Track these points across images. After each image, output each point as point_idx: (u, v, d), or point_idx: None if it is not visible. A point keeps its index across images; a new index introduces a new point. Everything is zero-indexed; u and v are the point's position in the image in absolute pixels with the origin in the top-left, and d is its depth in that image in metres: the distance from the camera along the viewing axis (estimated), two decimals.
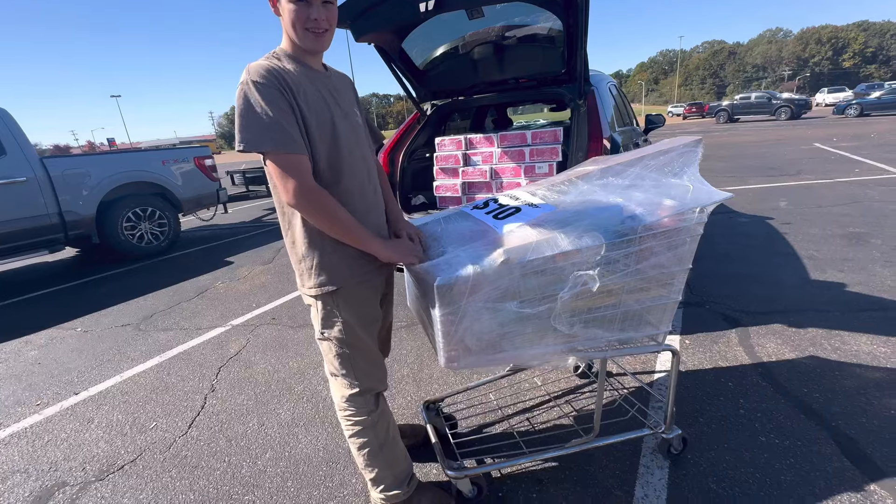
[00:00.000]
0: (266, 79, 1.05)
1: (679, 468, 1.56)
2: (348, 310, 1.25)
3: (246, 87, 1.05)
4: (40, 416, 2.25)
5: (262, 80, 1.05)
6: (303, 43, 1.14)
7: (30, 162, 4.36)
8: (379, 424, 1.36)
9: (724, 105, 24.99)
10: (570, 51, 2.47)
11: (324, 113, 1.16)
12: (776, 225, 4.37)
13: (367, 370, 1.33)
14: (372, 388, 1.35)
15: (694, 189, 1.29)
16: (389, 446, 1.38)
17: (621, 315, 1.32)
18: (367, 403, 1.34)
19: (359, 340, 1.29)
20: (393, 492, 1.39)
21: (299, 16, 1.10)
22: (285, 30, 1.15)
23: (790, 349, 2.22)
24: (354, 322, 1.26)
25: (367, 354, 1.33)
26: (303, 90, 1.12)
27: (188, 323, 3.28)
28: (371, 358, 1.35)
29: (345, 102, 1.25)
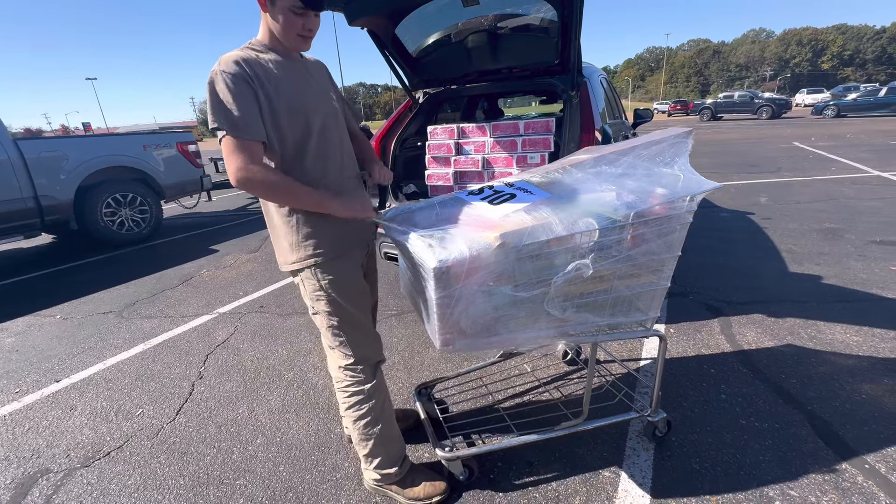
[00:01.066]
0: (233, 69, 1.12)
1: (664, 450, 1.61)
2: (332, 283, 1.31)
3: (214, 76, 1.12)
4: (20, 403, 2.19)
5: (229, 70, 1.12)
6: (292, 45, 1.23)
7: (3, 143, 4.18)
8: (376, 396, 1.40)
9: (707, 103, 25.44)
10: (563, 41, 2.48)
11: (296, 98, 1.22)
12: (757, 220, 4.50)
13: (359, 340, 1.38)
14: (367, 358, 1.40)
15: (684, 178, 1.32)
16: (386, 422, 1.41)
17: (612, 300, 1.35)
18: (363, 373, 1.39)
19: (346, 312, 1.34)
20: (386, 470, 1.42)
21: (295, 24, 1.19)
22: (272, 28, 1.21)
23: (769, 337, 2.31)
24: (339, 294, 1.32)
25: (357, 325, 1.38)
26: (274, 79, 1.18)
27: (173, 311, 3.22)
28: (362, 328, 1.40)
29: (320, 87, 1.33)
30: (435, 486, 1.45)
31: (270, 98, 1.17)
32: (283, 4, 1.17)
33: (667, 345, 1.53)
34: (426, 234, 1.23)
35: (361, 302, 1.39)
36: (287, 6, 1.17)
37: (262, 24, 1.23)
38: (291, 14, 1.18)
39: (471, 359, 2.29)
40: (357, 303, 1.37)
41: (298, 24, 1.20)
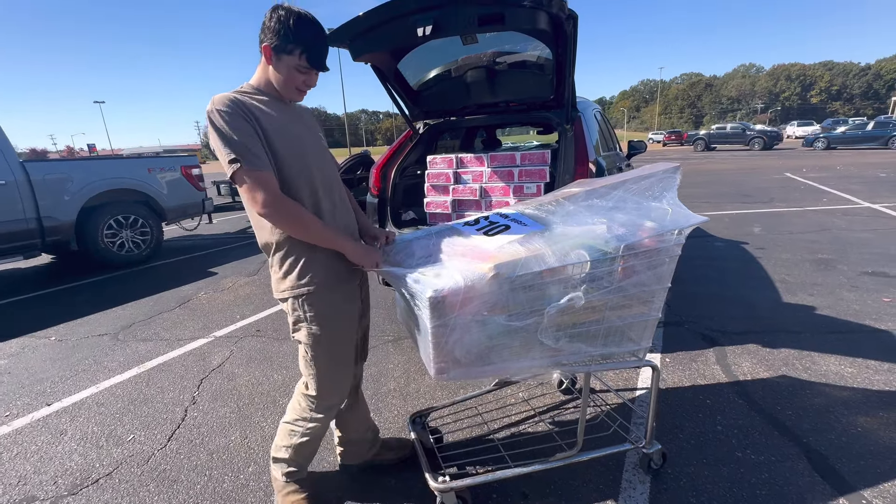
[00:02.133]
0: (228, 107, 1.17)
1: (660, 482, 1.60)
2: (315, 318, 1.33)
3: (212, 115, 1.17)
4: (9, 427, 2.16)
5: (224, 108, 1.17)
6: (289, 96, 1.31)
7: (10, 165, 4.26)
8: (317, 424, 1.47)
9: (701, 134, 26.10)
10: (558, 78, 2.59)
11: (291, 135, 1.28)
12: (750, 249, 4.56)
13: (328, 380, 1.42)
14: (326, 399, 1.44)
15: (673, 212, 1.37)
16: (309, 442, 1.50)
17: (604, 331, 1.37)
18: (318, 408, 1.45)
19: (324, 349, 1.37)
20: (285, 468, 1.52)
21: (297, 80, 1.27)
22: (271, 77, 1.28)
23: (764, 368, 2.31)
24: (320, 330, 1.34)
25: (329, 368, 1.40)
26: (268, 117, 1.24)
27: (169, 333, 3.21)
28: (335, 369, 1.42)
29: (313, 132, 1.40)
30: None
31: (268, 137, 1.21)
32: (290, 62, 1.24)
33: (659, 375, 1.55)
34: (421, 263, 1.26)
35: (343, 338, 1.41)
36: (293, 64, 1.24)
37: (261, 70, 1.29)
38: (296, 71, 1.25)
39: (466, 387, 2.28)
40: (338, 339, 1.39)
41: (300, 80, 1.27)
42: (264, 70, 1.28)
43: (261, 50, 1.25)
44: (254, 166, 1.17)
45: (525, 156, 2.74)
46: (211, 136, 1.18)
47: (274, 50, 1.23)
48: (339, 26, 2.26)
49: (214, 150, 1.18)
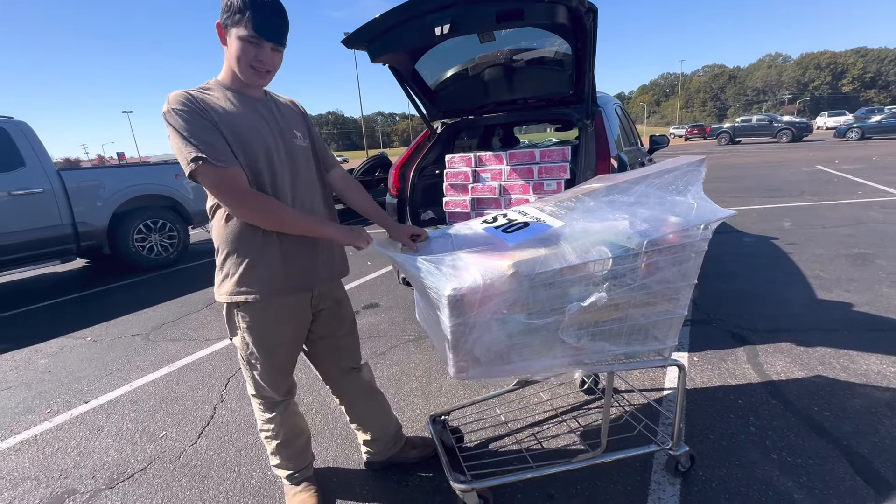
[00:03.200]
0: (183, 105, 1.13)
1: (691, 485, 1.55)
2: (247, 326, 1.33)
3: (168, 116, 1.12)
4: (50, 423, 2.26)
5: (180, 106, 1.12)
6: (244, 77, 1.22)
7: (47, 174, 4.47)
8: (275, 423, 1.49)
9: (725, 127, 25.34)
10: (578, 73, 2.55)
11: (252, 133, 1.22)
12: (781, 245, 4.40)
13: (262, 382, 1.43)
14: (267, 397, 1.47)
15: (698, 206, 1.33)
16: (284, 443, 1.52)
17: (628, 329, 1.34)
18: (262, 406, 1.48)
19: (252, 356, 1.37)
20: (282, 471, 1.58)
21: (247, 53, 1.18)
22: (227, 61, 1.22)
23: (799, 367, 2.22)
24: (250, 339, 1.34)
25: (262, 369, 1.40)
26: (227, 115, 1.18)
27: (197, 334, 3.31)
28: (263, 373, 1.41)
29: (284, 124, 1.33)
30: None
31: (223, 132, 1.17)
32: (238, 34, 1.15)
33: (686, 375, 1.50)
34: (440, 262, 1.26)
35: (277, 349, 1.39)
36: (241, 35, 1.15)
37: (225, 60, 1.24)
38: (246, 44, 1.16)
39: (487, 386, 2.27)
40: (271, 350, 1.37)
41: (252, 54, 1.18)
42: (225, 60, 1.23)
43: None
44: (219, 162, 1.12)
45: (545, 152, 2.71)
46: (170, 136, 1.14)
47: (224, 25, 1.17)
48: (356, 29, 2.29)
49: (174, 150, 1.14)
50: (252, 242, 1.25)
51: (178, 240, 5.64)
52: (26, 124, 4.48)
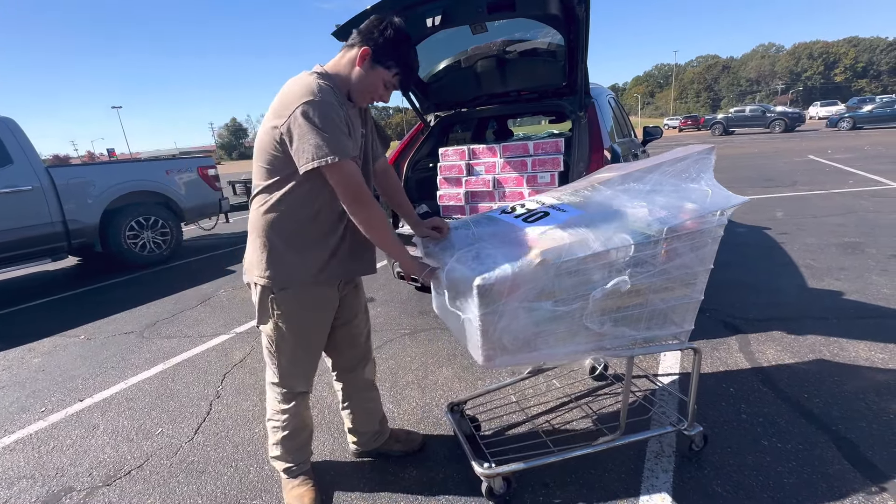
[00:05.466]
0: (331, 97, 1.19)
1: (683, 472, 1.58)
2: (283, 312, 1.34)
3: (314, 105, 1.15)
4: (45, 422, 2.25)
5: (328, 98, 1.18)
6: (359, 101, 1.33)
7: (35, 171, 4.40)
8: (289, 415, 1.50)
9: (719, 118, 25.41)
10: (570, 64, 2.55)
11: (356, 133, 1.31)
12: (773, 234, 4.44)
13: (288, 370, 1.44)
14: (290, 387, 1.47)
15: (713, 193, 1.35)
16: (291, 436, 1.53)
17: (648, 314, 1.37)
18: (283, 396, 1.48)
19: (284, 342, 1.39)
20: (282, 463, 1.57)
21: (377, 90, 1.31)
22: (353, 76, 1.28)
23: (790, 355, 2.26)
24: (285, 325, 1.36)
25: (291, 356, 1.42)
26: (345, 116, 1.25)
27: (192, 331, 3.30)
28: (295, 361, 1.44)
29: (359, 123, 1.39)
30: (303, 501, 1.51)
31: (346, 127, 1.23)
32: (382, 74, 1.27)
33: (701, 358, 1.53)
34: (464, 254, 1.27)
35: (310, 336, 1.43)
36: (384, 78, 1.28)
37: (343, 67, 1.29)
38: (382, 85, 1.30)
39: (498, 376, 2.29)
40: (304, 337, 1.41)
41: (380, 93, 1.31)
42: (347, 68, 1.28)
43: (355, 48, 1.26)
44: (351, 159, 1.20)
45: (538, 145, 2.71)
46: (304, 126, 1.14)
47: (372, 58, 1.25)
48: (346, 21, 2.26)
49: (304, 139, 1.14)
50: (307, 234, 1.30)
51: (171, 236, 5.59)
52: (13, 120, 4.40)
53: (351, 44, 1.29)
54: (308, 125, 1.14)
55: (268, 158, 1.25)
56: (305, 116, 1.14)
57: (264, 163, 1.26)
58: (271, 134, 1.21)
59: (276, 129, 1.19)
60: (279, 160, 1.23)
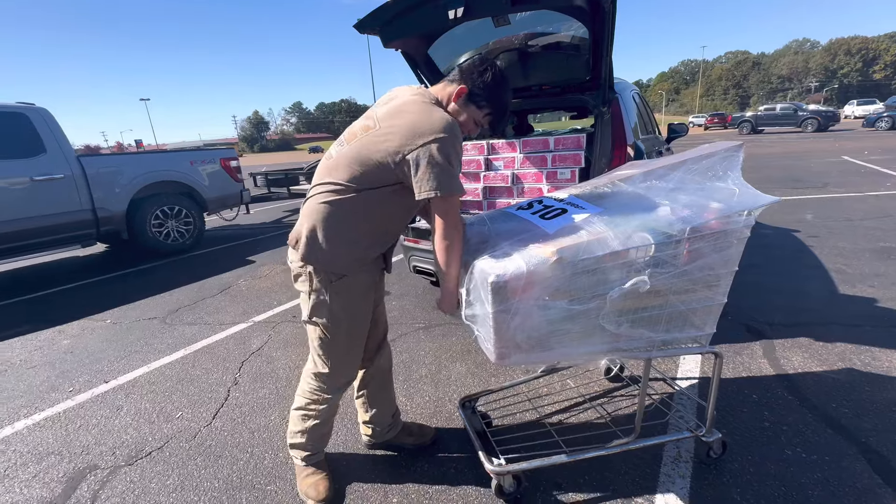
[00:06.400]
0: (458, 139, 1.28)
1: (702, 478, 1.53)
2: (339, 301, 1.36)
3: (445, 143, 1.23)
4: (73, 401, 2.34)
5: (456, 138, 1.27)
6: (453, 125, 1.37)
7: (68, 160, 4.56)
8: (327, 406, 1.53)
9: (747, 116, 24.57)
10: (595, 58, 2.48)
11: None
12: (802, 237, 4.27)
13: (342, 360, 1.46)
14: (341, 377, 1.49)
15: (740, 192, 1.30)
16: (321, 425, 1.56)
17: (667, 316, 1.34)
18: (329, 388, 1.50)
19: (340, 331, 1.41)
20: (300, 452, 1.59)
21: (467, 126, 1.40)
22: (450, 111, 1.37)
23: (817, 363, 2.17)
24: (342, 314, 1.38)
25: (346, 345, 1.45)
26: None
27: (212, 318, 3.37)
28: (349, 349, 1.46)
29: None
30: (318, 490, 1.53)
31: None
32: (474, 113, 1.37)
33: (722, 362, 1.49)
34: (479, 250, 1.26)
35: (362, 321, 1.46)
36: (475, 117, 1.37)
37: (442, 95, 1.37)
38: (472, 122, 1.39)
39: (512, 373, 2.28)
40: (357, 322, 1.44)
41: (469, 128, 1.39)
42: (445, 101, 1.37)
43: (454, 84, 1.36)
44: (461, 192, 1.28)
45: (559, 140, 2.66)
46: (435, 160, 1.21)
47: (468, 97, 1.35)
48: (368, 13, 2.25)
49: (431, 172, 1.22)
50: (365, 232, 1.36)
51: (194, 226, 5.73)
52: (47, 111, 4.56)
53: (452, 79, 1.39)
54: (441, 160, 1.22)
55: (370, 166, 1.28)
56: (441, 152, 1.22)
57: (360, 165, 1.29)
58: (390, 153, 1.25)
59: (400, 153, 1.24)
60: (382, 171, 1.27)
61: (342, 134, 1.42)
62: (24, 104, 4.46)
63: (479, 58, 1.38)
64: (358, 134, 1.33)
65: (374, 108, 1.41)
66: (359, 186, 1.30)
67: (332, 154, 1.38)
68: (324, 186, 1.34)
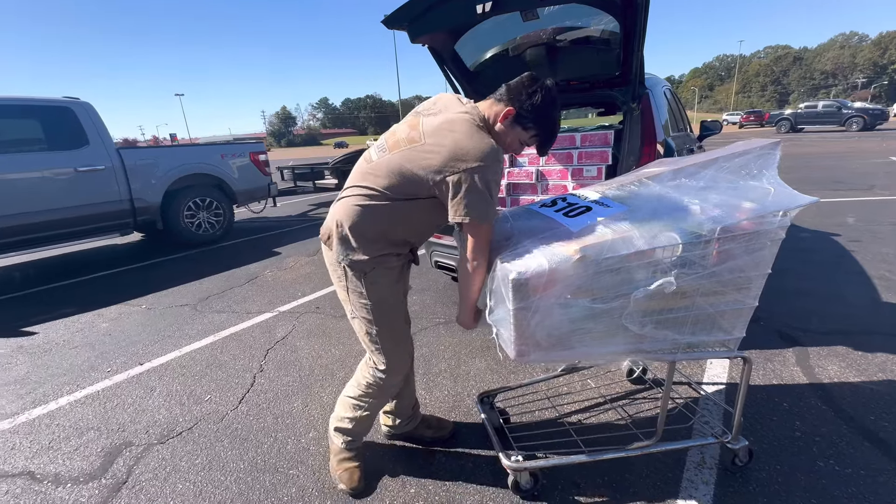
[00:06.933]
0: (499, 168, 1.27)
1: (726, 485, 1.49)
2: (376, 291, 1.38)
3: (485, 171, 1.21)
4: (110, 381, 2.46)
5: (497, 166, 1.25)
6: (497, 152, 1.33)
7: (108, 152, 4.78)
8: (381, 398, 1.55)
9: (786, 114, 23.48)
10: (626, 52, 2.42)
11: None
12: (842, 242, 4.07)
13: (393, 350, 1.47)
14: (398, 369, 1.50)
15: (775, 192, 1.25)
16: (370, 414, 1.59)
17: (693, 318, 1.30)
18: (387, 380, 1.50)
19: (385, 319, 1.42)
20: (344, 436, 1.62)
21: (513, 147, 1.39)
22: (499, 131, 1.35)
23: (855, 373, 2.07)
24: (380, 302, 1.39)
25: (392, 334, 1.46)
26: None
27: (239, 307, 3.49)
28: (396, 338, 1.47)
29: None
30: (352, 478, 1.56)
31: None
32: (519, 134, 1.34)
33: (751, 367, 1.44)
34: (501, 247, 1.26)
35: (402, 306, 1.48)
36: (521, 138, 1.35)
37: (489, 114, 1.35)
38: (517, 142, 1.37)
39: (531, 371, 2.27)
40: (397, 308, 1.46)
41: (514, 149, 1.39)
42: (492, 120, 1.34)
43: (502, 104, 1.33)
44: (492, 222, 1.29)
45: (586, 137, 2.61)
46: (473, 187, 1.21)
47: (516, 118, 1.32)
48: (396, 9, 2.27)
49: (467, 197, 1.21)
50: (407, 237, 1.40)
51: (224, 217, 5.92)
52: (90, 105, 4.78)
53: (499, 98, 1.35)
54: (480, 188, 1.21)
55: (409, 178, 1.28)
56: (482, 180, 1.21)
57: (399, 177, 1.29)
58: (431, 170, 1.25)
59: (442, 173, 1.23)
60: (420, 185, 1.28)
61: (383, 136, 1.41)
62: (69, 98, 4.69)
63: (528, 77, 1.34)
64: (401, 144, 1.32)
65: (418, 115, 1.38)
66: (394, 196, 1.30)
67: (373, 158, 1.37)
68: (360, 189, 1.34)
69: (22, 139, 4.43)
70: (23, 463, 1.82)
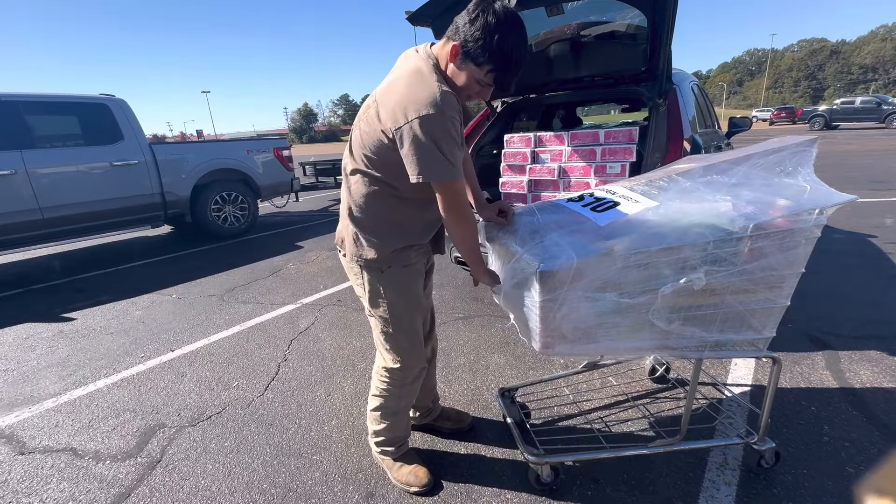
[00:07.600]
0: (452, 111, 1.10)
1: (749, 487, 1.47)
2: (393, 290, 1.36)
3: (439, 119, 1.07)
4: (144, 366, 2.58)
5: (451, 112, 1.09)
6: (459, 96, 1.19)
7: (142, 147, 4.97)
8: (404, 397, 1.52)
9: (820, 110, 22.49)
10: (653, 47, 2.38)
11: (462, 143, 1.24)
12: (879, 244, 3.90)
13: (408, 348, 1.45)
14: (413, 365, 1.48)
15: (811, 189, 1.23)
16: (401, 415, 1.56)
17: (722, 316, 1.29)
18: (402, 378, 1.48)
19: (401, 316, 1.40)
20: (386, 448, 1.58)
21: (472, 89, 1.18)
22: (449, 73, 1.18)
23: (889, 379, 2.00)
24: (398, 301, 1.38)
25: (408, 331, 1.43)
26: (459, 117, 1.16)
27: (264, 298, 3.59)
28: (412, 335, 1.45)
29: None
30: (418, 476, 1.53)
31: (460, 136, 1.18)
32: (474, 72, 1.13)
33: (780, 368, 1.41)
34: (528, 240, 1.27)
35: (419, 303, 1.45)
36: (476, 76, 1.13)
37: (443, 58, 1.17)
38: (475, 83, 1.15)
39: (551, 367, 2.28)
40: (412, 310, 1.42)
41: (475, 90, 1.17)
42: (444, 62, 1.17)
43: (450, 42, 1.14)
44: (456, 179, 1.16)
45: (609, 133, 2.58)
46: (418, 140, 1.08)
47: (462, 55, 1.12)
48: (422, 5, 2.28)
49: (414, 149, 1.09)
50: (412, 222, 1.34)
51: (249, 211, 6.08)
52: (125, 101, 4.98)
53: (449, 35, 1.15)
54: (424, 142, 1.08)
55: (373, 148, 1.20)
56: (425, 133, 1.07)
57: (370, 151, 1.21)
58: (379, 132, 1.16)
59: (389, 132, 1.13)
60: (381, 153, 1.20)
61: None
62: (105, 95, 4.89)
63: (474, 2, 1.10)
64: (361, 115, 1.23)
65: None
66: (372, 171, 1.23)
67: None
68: (345, 179, 1.33)
69: (61, 135, 4.65)
70: (66, 440, 1.94)
